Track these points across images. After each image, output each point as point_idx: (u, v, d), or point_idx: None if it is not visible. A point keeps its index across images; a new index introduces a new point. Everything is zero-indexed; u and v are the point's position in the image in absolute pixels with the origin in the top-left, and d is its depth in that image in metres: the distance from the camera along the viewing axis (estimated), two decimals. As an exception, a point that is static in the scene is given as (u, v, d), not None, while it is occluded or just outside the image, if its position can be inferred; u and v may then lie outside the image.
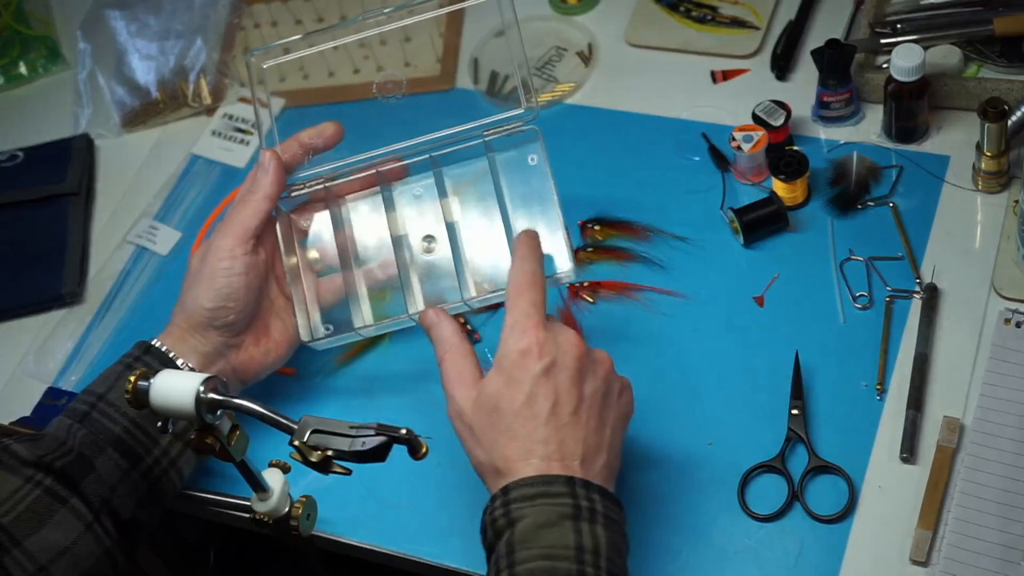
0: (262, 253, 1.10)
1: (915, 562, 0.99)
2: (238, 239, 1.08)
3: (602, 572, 0.87)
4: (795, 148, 1.22)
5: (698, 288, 1.18)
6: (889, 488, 1.03)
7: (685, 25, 1.39)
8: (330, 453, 0.91)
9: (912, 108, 1.21)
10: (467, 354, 0.98)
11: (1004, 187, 1.19)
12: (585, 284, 1.20)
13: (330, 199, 1.15)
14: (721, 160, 1.26)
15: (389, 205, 1.14)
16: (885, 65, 1.27)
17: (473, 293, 1.10)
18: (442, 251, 1.12)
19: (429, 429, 0.94)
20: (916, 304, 1.13)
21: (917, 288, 1.14)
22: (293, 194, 1.14)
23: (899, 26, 1.29)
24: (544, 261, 1.00)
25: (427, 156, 1.13)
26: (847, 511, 1.02)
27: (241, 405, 0.93)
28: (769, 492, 1.05)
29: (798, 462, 1.05)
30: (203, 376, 0.93)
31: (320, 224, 1.15)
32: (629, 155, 1.29)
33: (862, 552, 1.00)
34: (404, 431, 0.90)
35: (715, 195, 1.24)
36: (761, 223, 1.19)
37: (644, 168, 1.28)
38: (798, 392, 1.08)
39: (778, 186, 1.20)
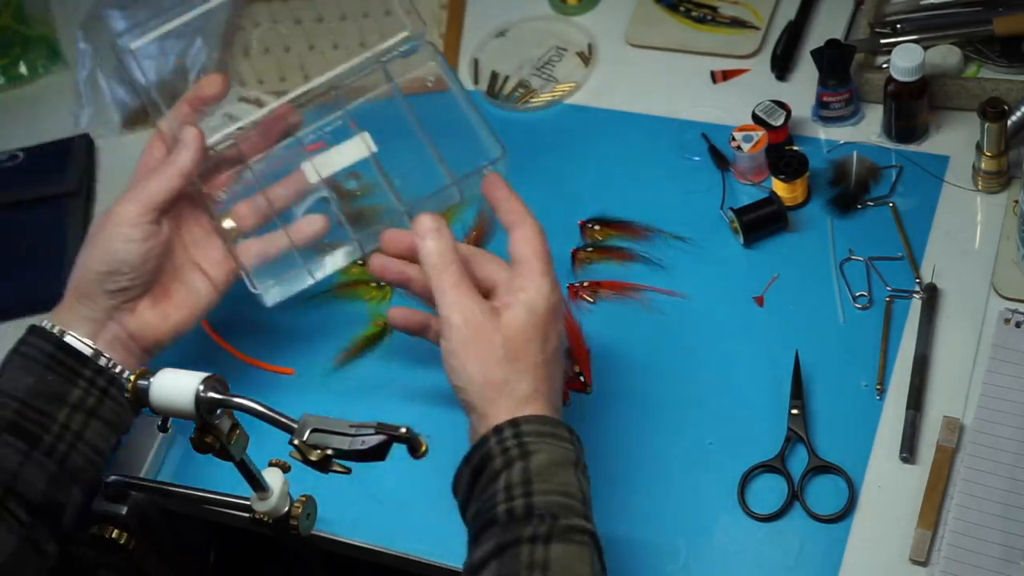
0: (165, 225, 1.07)
1: (915, 562, 0.99)
2: (142, 208, 1.05)
3: (591, 523, 0.91)
4: (795, 148, 1.22)
5: (698, 288, 1.18)
6: (889, 488, 1.03)
7: (685, 25, 1.39)
8: (330, 452, 0.91)
9: (912, 108, 1.21)
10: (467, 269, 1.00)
11: (1004, 187, 1.19)
12: (585, 284, 1.20)
13: (242, 160, 1.13)
14: (721, 160, 1.26)
15: (303, 154, 1.12)
16: (885, 65, 1.27)
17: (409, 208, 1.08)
18: (370, 183, 1.12)
19: (429, 428, 0.94)
20: (916, 304, 1.13)
21: (917, 288, 1.14)
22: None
23: (899, 26, 1.29)
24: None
25: (330, 90, 1.11)
26: (847, 511, 1.02)
27: (241, 404, 0.93)
28: (769, 492, 1.04)
29: (798, 462, 1.05)
30: (203, 375, 0.92)
31: (235, 190, 1.13)
32: (629, 155, 1.29)
33: (862, 552, 1.00)
34: (404, 430, 0.90)
35: (715, 195, 1.24)
36: (761, 223, 1.19)
37: (644, 168, 1.28)
38: (798, 392, 1.08)
39: (778, 186, 1.20)
